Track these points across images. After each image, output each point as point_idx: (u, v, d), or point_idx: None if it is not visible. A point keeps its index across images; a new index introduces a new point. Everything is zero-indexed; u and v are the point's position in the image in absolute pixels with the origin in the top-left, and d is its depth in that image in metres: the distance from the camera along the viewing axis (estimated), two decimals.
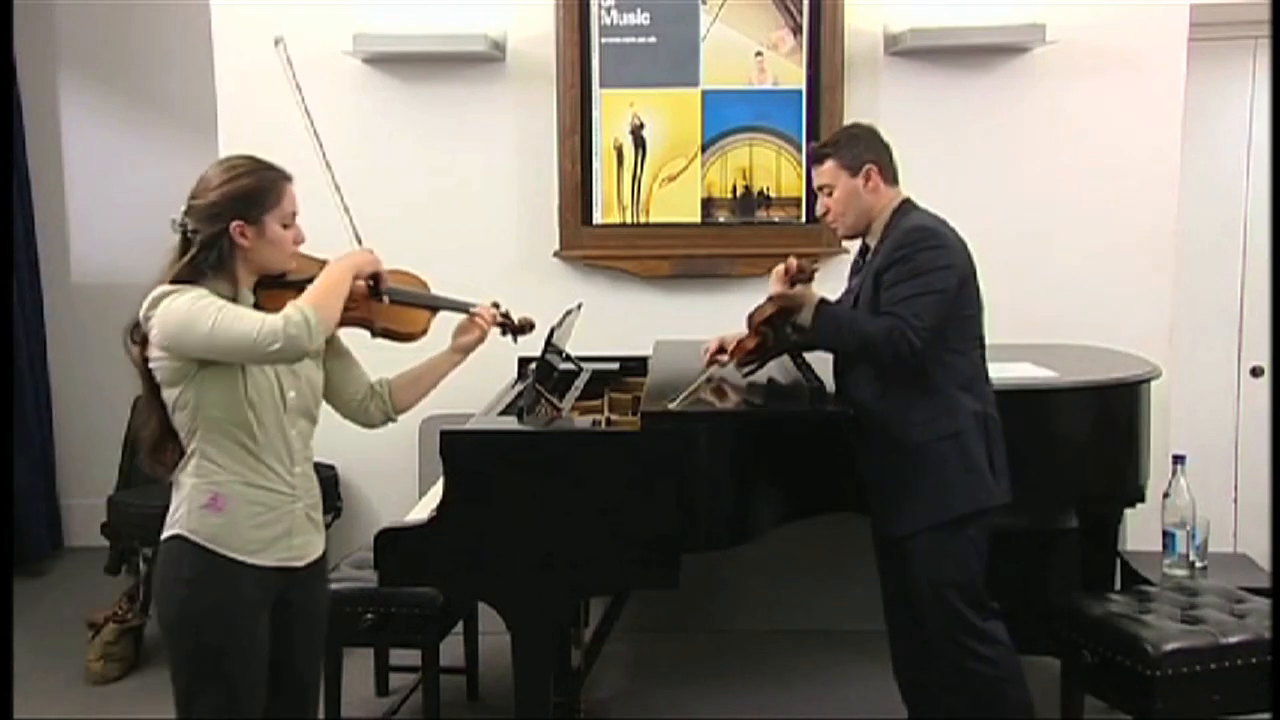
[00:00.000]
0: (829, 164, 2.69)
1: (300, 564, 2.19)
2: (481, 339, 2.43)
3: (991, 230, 3.88)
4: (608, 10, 3.76)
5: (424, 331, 2.37)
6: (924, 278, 2.53)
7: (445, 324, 2.44)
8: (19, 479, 4.55)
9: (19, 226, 4.68)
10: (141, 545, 3.83)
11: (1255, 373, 4.36)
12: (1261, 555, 4.02)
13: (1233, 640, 2.64)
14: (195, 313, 2.00)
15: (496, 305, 2.49)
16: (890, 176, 2.70)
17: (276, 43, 2.35)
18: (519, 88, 3.85)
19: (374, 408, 2.37)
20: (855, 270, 2.86)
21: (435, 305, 2.39)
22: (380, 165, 3.78)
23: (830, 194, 2.70)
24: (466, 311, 2.43)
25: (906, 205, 2.71)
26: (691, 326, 3.70)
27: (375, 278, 2.23)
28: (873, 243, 2.73)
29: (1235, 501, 4.36)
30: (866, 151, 2.68)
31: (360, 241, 2.34)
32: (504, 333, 2.54)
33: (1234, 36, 4.21)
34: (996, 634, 2.63)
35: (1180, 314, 3.96)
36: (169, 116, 4.84)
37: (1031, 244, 3.87)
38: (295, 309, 2.00)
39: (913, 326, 2.49)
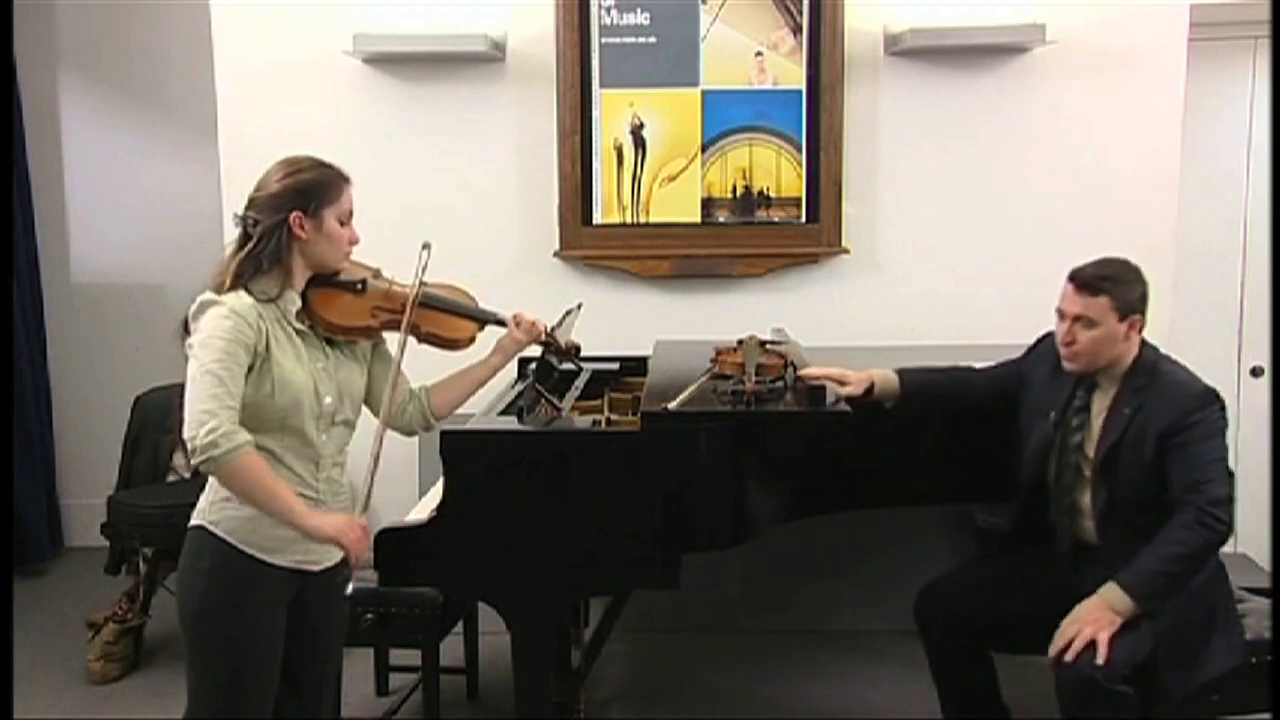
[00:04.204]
0: (1104, 300, 2.58)
1: (316, 568, 2.21)
2: (520, 344, 2.46)
3: (990, 230, 3.90)
4: (608, 10, 3.76)
5: (470, 340, 2.40)
6: (1217, 441, 2.54)
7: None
8: (19, 479, 4.55)
9: (19, 226, 4.67)
10: (141, 545, 3.83)
11: (1255, 373, 4.37)
12: (1261, 555, 4.02)
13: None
14: (199, 349, 2.03)
15: (546, 327, 2.52)
16: (1143, 327, 2.65)
17: (425, 247, 2.34)
18: (519, 88, 3.85)
19: (412, 411, 2.39)
20: (1020, 371, 2.88)
21: (477, 317, 2.42)
22: (380, 165, 3.77)
23: (1089, 327, 2.59)
24: (501, 324, 2.45)
25: (1151, 349, 2.67)
26: (691, 326, 3.71)
27: (340, 548, 2.17)
28: (1103, 383, 2.68)
29: (1235, 501, 4.36)
30: (1140, 301, 2.62)
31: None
32: (546, 350, 2.57)
33: (1234, 36, 4.21)
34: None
35: (1180, 314, 3.96)
36: (169, 116, 4.84)
37: (1031, 244, 3.87)
38: (232, 439, 1.98)
39: (1215, 500, 2.49)
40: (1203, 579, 2.57)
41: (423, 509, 2.67)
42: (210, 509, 2.13)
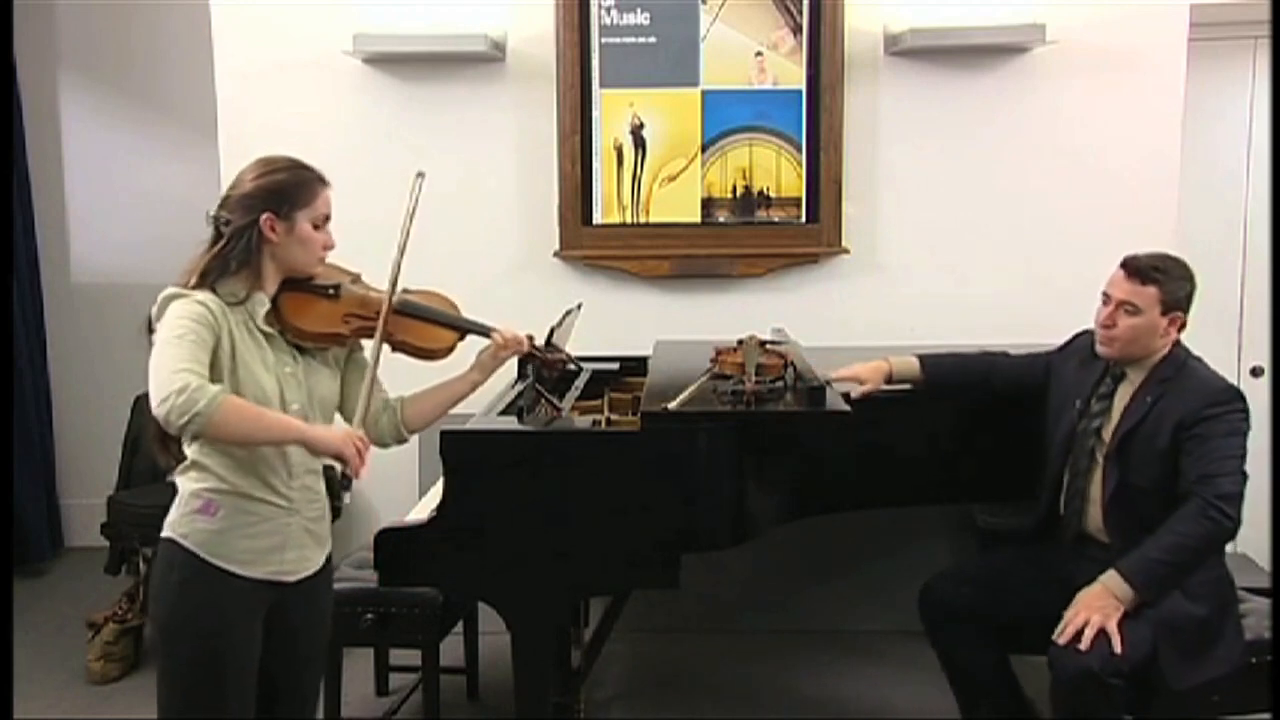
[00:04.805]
0: (1152, 290, 2.61)
1: (292, 579, 2.15)
2: (500, 360, 2.37)
3: (990, 230, 3.90)
4: (608, 10, 3.76)
5: (447, 350, 2.30)
6: (1235, 439, 2.56)
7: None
8: (19, 479, 4.55)
9: (19, 226, 4.67)
10: (141, 545, 3.83)
11: (1255, 373, 4.36)
12: (1261, 555, 4.02)
13: None
14: (161, 331, 1.98)
15: (532, 338, 2.42)
16: (1183, 326, 2.68)
17: (419, 175, 2.33)
18: (519, 88, 3.85)
19: (385, 422, 2.31)
20: (1050, 364, 2.90)
21: (456, 326, 2.32)
22: (380, 165, 3.78)
23: (1132, 314, 2.62)
24: (486, 335, 2.35)
25: (1183, 348, 2.69)
26: (691, 326, 3.71)
27: (341, 461, 2.06)
28: (1130, 373, 2.70)
29: None
30: (1186, 300, 2.65)
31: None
32: (535, 365, 2.49)
33: (1234, 36, 4.21)
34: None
35: None
36: (169, 116, 4.84)
37: (1031, 244, 3.87)
38: (205, 393, 1.88)
39: (1224, 495, 2.51)
40: (1211, 576, 2.58)
41: (423, 509, 2.67)
42: (179, 521, 2.07)
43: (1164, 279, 2.62)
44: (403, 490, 3.71)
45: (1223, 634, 2.58)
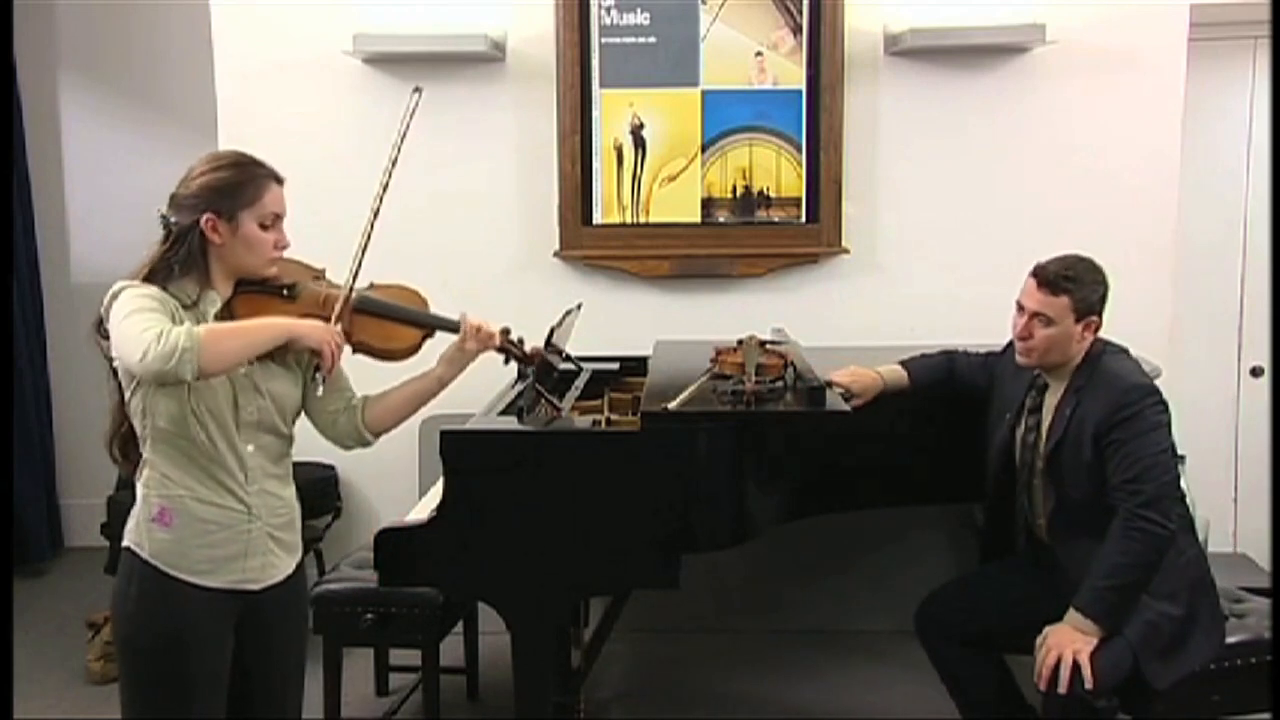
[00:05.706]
0: (1064, 300, 2.60)
1: (256, 587, 2.06)
2: (469, 354, 2.24)
3: (990, 230, 3.90)
4: (608, 10, 3.76)
5: (409, 350, 2.18)
6: (1153, 435, 2.51)
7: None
8: (19, 479, 4.55)
9: (19, 226, 4.67)
10: None
11: (1255, 373, 4.37)
12: (1261, 555, 4.02)
13: (1233, 640, 2.63)
14: (118, 311, 1.94)
15: (506, 331, 2.33)
16: (1098, 328, 2.66)
17: (416, 90, 2.27)
18: (519, 88, 3.85)
19: (344, 423, 2.20)
20: (993, 368, 2.91)
21: (420, 322, 2.19)
22: (380, 165, 3.76)
23: (1046, 325, 2.61)
24: (455, 329, 2.24)
25: (1099, 344, 2.67)
26: (691, 326, 3.71)
27: (316, 356, 2.01)
28: (1053, 382, 2.70)
29: (1235, 501, 4.36)
30: (1099, 303, 2.63)
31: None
32: (507, 360, 2.40)
33: (1234, 36, 4.22)
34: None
35: (1180, 314, 3.96)
36: (169, 116, 4.83)
37: (1031, 244, 3.84)
38: (179, 331, 1.82)
39: (1147, 501, 2.46)
40: (1177, 570, 2.56)
41: (423, 509, 2.67)
42: (136, 529, 2.01)
43: (1074, 287, 2.61)
44: (403, 490, 3.71)
45: (1199, 623, 2.57)
